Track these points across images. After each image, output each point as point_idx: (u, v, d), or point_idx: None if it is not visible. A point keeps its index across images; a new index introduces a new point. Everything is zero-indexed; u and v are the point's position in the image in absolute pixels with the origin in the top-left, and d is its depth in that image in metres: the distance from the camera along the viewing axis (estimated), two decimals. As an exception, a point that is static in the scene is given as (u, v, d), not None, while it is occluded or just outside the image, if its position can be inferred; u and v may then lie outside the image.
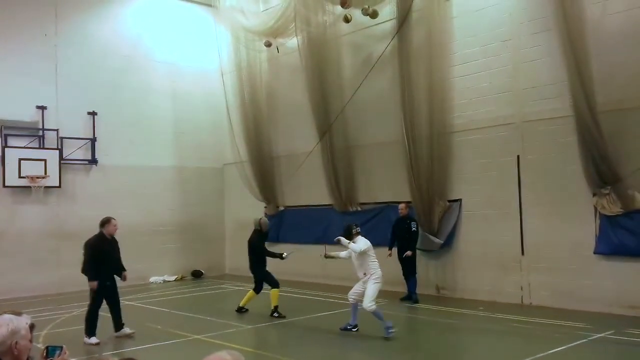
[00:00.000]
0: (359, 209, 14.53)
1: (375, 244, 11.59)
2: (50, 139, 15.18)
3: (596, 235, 10.39)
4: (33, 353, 3.19)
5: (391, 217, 13.51)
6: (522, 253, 11.44)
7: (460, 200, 12.42)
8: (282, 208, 16.70)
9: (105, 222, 9.48)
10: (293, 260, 11.85)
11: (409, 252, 11.84)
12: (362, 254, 8.90)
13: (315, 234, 14.93)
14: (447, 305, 11.53)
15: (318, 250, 15.08)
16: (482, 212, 12.04)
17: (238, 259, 18.12)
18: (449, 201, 12.53)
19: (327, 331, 9.74)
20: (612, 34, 10.16)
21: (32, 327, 3.12)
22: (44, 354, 3.21)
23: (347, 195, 14.64)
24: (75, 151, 15.52)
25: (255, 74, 16.90)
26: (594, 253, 10.36)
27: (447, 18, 12.54)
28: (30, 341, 3.07)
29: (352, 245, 8.92)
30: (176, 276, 17.03)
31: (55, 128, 15.22)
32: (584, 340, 8.40)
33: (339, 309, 10.73)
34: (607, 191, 10.11)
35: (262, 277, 11.26)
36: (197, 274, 17.60)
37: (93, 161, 15.87)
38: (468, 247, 12.28)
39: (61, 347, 3.24)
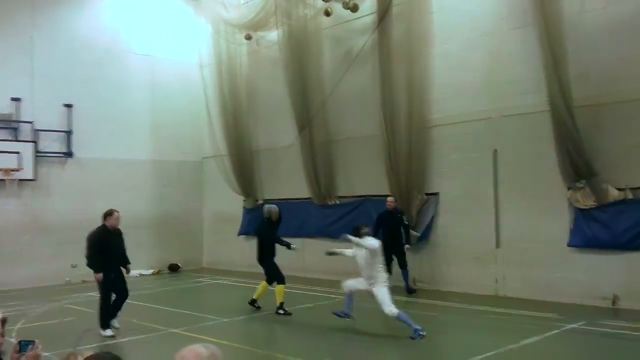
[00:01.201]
0: (338, 202, 14.57)
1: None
2: (25, 131, 14.94)
3: (570, 228, 10.56)
4: (5, 347, 3.15)
5: (370, 210, 13.58)
6: (497, 246, 11.58)
7: (437, 193, 12.53)
8: (261, 201, 16.65)
9: (108, 214, 9.36)
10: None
11: (408, 246, 11.92)
12: (375, 254, 8.40)
13: (293, 227, 14.95)
14: (424, 297, 11.63)
15: (297, 243, 15.10)
16: (458, 205, 12.15)
17: (216, 252, 18.13)
18: (427, 194, 12.63)
19: (304, 324, 9.78)
20: (589, 30, 10.31)
21: (4, 321, 3.08)
22: (17, 349, 3.18)
23: (326, 188, 14.67)
24: (51, 144, 15.30)
25: (235, 67, 16.81)
26: (568, 245, 10.54)
27: (426, 13, 12.60)
28: (3, 335, 3.04)
29: (369, 241, 8.38)
30: (153, 270, 16.89)
31: (30, 120, 14.98)
32: (557, 331, 8.55)
33: (318, 301, 10.77)
34: (581, 185, 10.28)
35: (270, 270, 10.77)
36: (174, 268, 17.50)
37: (69, 154, 15.66)
38: (445, 240, 12.40)
39: (34, 342, 3.22)
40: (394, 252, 11.84)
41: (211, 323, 10.02)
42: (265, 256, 10.86)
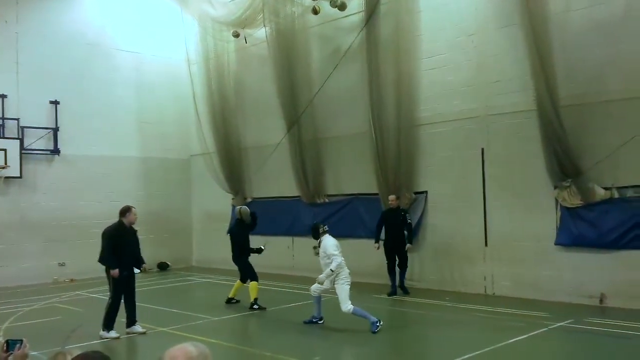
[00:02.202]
0: (327, 200, 14.58)
1: (344, 235, 11.73)
2: (11, 128, 14.81)
3: (557, 226, 10.65)
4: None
5: (359, 208, 13.62)
6: (486, 244, 11.65)
7: (426, 192, 12.57)
8: (249, 200, 16.63)
9: (126, 210, 9.12)
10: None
11: (409, 245, 11.78)
12: (329, 256, 8.78)
13: (283, 226, 14.96)
14: (414, 296, 11.67)
15: (286, 241, 15.18)
16: (447, 204, 12.21)
17: (205, 251, 18.07)
18: (415, 193, 12.67)
19: (292, 322, 9.77)
20: (575, 29, 10.38)
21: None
22: (4, 348, 3.15)
23: (314, 187, 14.66)
24: (37, 141, 15.16)
25: (223, 65, 16.75)
26: (555, 244, 10.63)
27: (413, 12, 12.63)
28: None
29: (331, 266, 8.68)
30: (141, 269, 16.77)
31: (16, 117, 14.85)
32: (544, 329, 8.62)
33: (307, 300, 10.75)
34: (568, 184, 10.36)
35: (243, 268, 11.20)
36: (163, 266, 17.42)
37: (55, 151, 15.54)
38: (433, 239, 12.45)
39: (21, 341, 3.19)
40: (396, 251, 11.80)
41: (201, 322, 9.99)
42: (239, 255, 11.25)
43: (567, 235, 10.49)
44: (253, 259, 11.46)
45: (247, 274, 11.12)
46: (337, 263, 8.70)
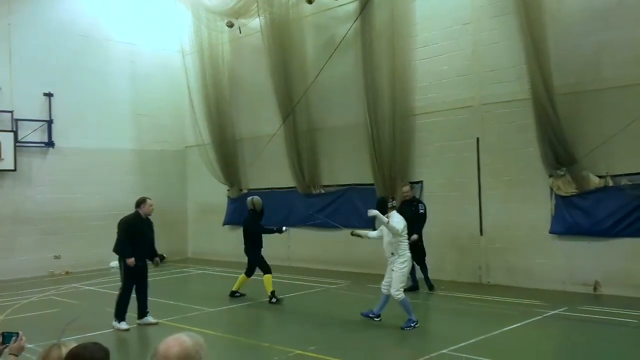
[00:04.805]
0: (322, 191, 14.59)
1: (340, 225, 11.70)
2: (4, 120, 14.71)
3: (551, 215, 10.69)
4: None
5: (354, 199, 13.63)
6: (481, 233, 11.69)
7: (421, 182, 12.59)
8: (245, 191, 16.63)
9: (141, 202, 9.19)
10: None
11: (414, 236, 10.72)
12: (400, 234, 8.21)
13: (278, 217, 14.93)
14: (409, 285, 11.69)
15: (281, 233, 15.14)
16: (442, 193, 12.23)
17: (201, 242, 18.08)
18: (411, 183, 12.68)
19: (289, 313, 9.81)
20: (570, 17, 10.37)
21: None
22: (0, 340, 3.16)
23: (310, 177, 14.66)
24: (31, 133, 15.09)
25: (217, 55, 16.69)
26: (549, 232, 10.67)
27: (408, 1, 12.58)
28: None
29: (392, 224, 8.13)
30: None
31: (10, 110, 14.76)
32: (539, 317, 8.67)
33: (302, 290, 10.80)
34: (562, 172, 10.39)
35: (255, 261, 10.87)
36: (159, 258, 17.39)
37: (50, 144, 15.47)
38: (429, 228, 12.40)
39: (17, 334, 3.20)
40: (412, 245, 11.39)
41: (197, 313, 10.01)
42: (251, 247, 10.89)
43: (561, 224, 10.54)
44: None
45: (260, 267, 10.77)
46: (400, 228, 8.18)
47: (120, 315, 8.85)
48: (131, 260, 8.78)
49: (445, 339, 7.74)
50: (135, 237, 8.90)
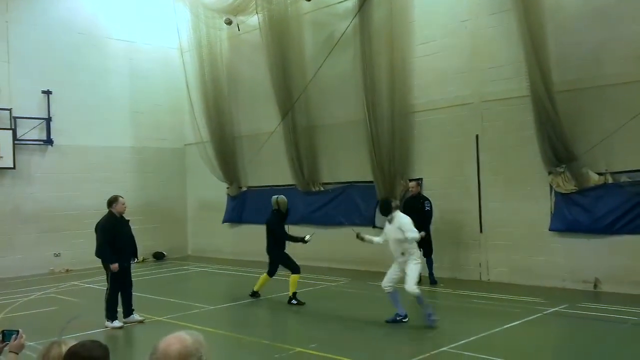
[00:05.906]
0: (322, 188, 14.58)
1: (339, 223, 11.73)
2: (3, 118, 14.71)
3: (551, 212, 10.68)
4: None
5: (354, 196, 13.63)
6: (481, 230, 11.69)
7: (421, 179, 12.57)
8: (244, 189, 16.63)
9: (113, 200, 9.00)
10: (255, 240, 11.80)
11: (422, 233, 10.41)
12: (408, 232, 8.05)
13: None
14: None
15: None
16: (442, 190, 12.22)
17: (201, 240, 18.08)
18: (410, 180, 12.68)
19: (289, 311, 9.80)
20: (569, 15, 10.35)
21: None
22: (1, 338, 3.16)
23: (309, 175, 14.65)
24: (30, 131, 15.08)
25: (216, 53, 16.66)
26: (549, 230, 10.67)
27: (407, -2, 12.56)
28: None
29: (412, 235, 8.01)
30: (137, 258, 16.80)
31: (8, 107, 14.75)
32: (539, 315, 8.67)
33: (301, 288, 10.77)
34: (562, 170, 10.38)
35: (279, 261, 10.54)
36: (158, 256, 17.43)
37: (48, 141, 15.46)
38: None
39: (17, 332, 3.20)
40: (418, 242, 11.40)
41: (197, 311, 10.01)
42: (273, 247, 10.61)
43: (561, 221, 10.53)
44: (246, 246, 11.40)
45: (287, 266, 10.46)
46: (417, 237, 8.15)
47: (111, 314, 8.86)
48: (115, 266, 8.76)
49: (446, 336, 7.74)
50: (115, 239, 8.81)
